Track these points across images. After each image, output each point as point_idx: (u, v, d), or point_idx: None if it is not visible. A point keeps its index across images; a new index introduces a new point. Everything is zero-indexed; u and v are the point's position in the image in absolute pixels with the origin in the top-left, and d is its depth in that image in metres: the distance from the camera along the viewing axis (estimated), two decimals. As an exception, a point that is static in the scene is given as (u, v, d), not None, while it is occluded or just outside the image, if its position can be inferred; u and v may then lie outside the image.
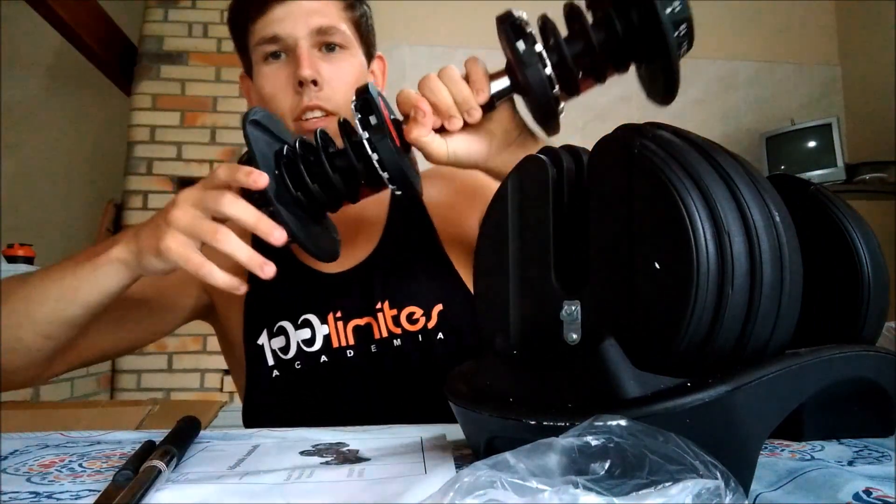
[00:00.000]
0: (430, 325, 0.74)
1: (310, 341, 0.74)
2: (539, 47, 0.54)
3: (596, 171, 0.38)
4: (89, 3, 2.60)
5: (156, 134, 2.82)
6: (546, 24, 0.57)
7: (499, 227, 0.43)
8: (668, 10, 0.50)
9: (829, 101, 3.69)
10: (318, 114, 0.72)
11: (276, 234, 0.52)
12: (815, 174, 3.15)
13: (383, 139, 0.54)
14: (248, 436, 0.54)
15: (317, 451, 0.45)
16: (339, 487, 0.36)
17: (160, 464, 0.38)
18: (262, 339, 0.75)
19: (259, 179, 0.52)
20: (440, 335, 0.74)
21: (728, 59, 3.68)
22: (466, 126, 0.59)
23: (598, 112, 3.51)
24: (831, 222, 0.45)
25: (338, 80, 0.73)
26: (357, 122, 0.55)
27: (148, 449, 0.42)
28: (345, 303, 0.75)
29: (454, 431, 0.49)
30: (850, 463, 0.40)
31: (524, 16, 0.55)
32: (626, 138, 0.36)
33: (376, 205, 0.81)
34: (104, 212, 2.81)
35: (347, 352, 0.74)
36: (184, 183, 2.84)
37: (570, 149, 0.42)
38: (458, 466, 0.39)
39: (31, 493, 0.37)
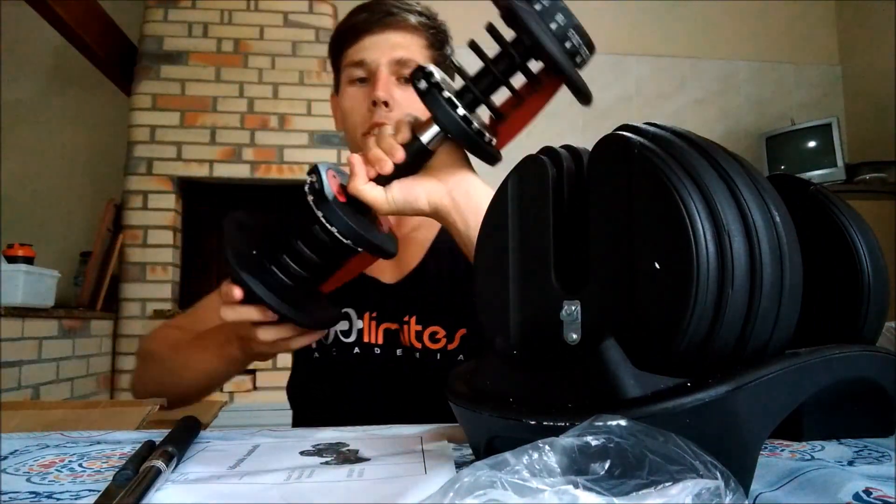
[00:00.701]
0: (452, 346, 0.80)
1: (346, 332, 0.83)
2: (447, 93, 0.58)
3: (596, 171, 0.38)
4: (89, 3, 2.60)
5: (156, 134, 2.82)
6: (457, 69, 0.64)
7: (499, 227, 0.43)
8: (552, 27, 0.54)
9: (829, 101, 3.69)
10: None
11: (270, 316, 0.60)
12: (815, 174, 3.15)
13: (334, 211, 0.58)
14: (248, 436, 0.54)
15: (317, 451, 0.45)
16: (339, 487, 0.36)
17: (160, 464, 0.38)
18: None
19: (234, 292, 0.59)
20: (461, 357, 0.80)
21: (728, 59, 3.68)
22: (405, 173, 0.63)
23: (598, 112, 3.51)
24: (831, 222, 0.45)
25: (407, 106, 0.81)
26: (311, 203, 0.59)
27: (148, 449, 0.42)
28: (379, 307, 0.84)
29: (454, 432, 0.49)
30: (850, 463, 0.40)
31: (432, 69, 0.59)
32: (626, 138, 0.36)
33: (427, 228, 0.88)
34: (104, 212, 2.81)
35: (375, 349, 0.82)
36: (184, 183, 2.84)
37: (570, 149, 0.42)
38: (458, 466, 0.39)
39: (31, 493, 0.37)
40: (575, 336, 0.36)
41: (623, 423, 0.27)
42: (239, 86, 2.89)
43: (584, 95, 0.59)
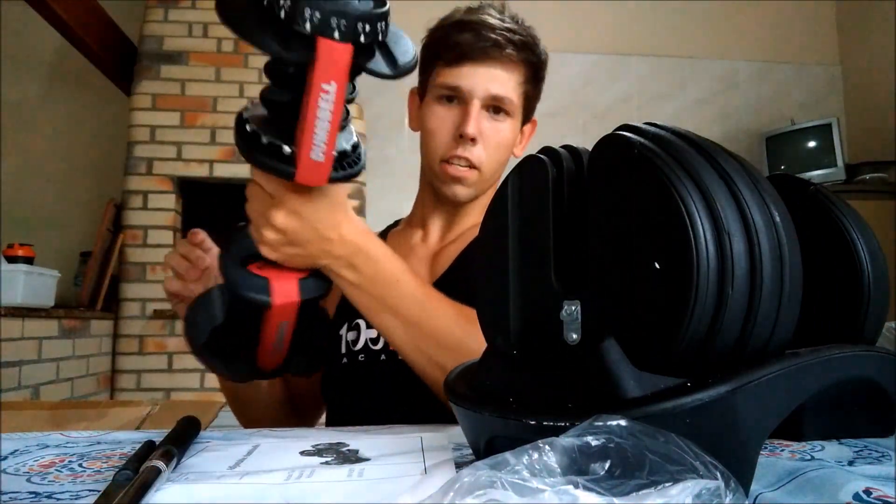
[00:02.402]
0: None
1: (375, 339, 0.84)
2: (249, 127, 0.55)
3: (596, 171, 0.38)
4: (89, 3, 2.60)
5: (156, 134, 2.82)
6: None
7: (499, 227, 0.43)
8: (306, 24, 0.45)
9: (829, 101, 3.69)
10: (463, 164, 0.84)
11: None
12: (815, 174, 3.15)
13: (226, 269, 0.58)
14: (248, 436, 0.54)
15: (317, 451, 0.45)
16: (339, 487, 0.36)
17: (160, 464, 0.37)
18: (343, 330, 0.87)
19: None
20: None
21: (728, 59, 3.68)
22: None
23: (598, 112, 3.51)
24: (831, 222, 0.45)
25: (492, 140, 0.85)
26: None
27: (148, 449, 0.42)
28: None
29: (454, 431, 0.49)
30: (850, 463, 0.40)
31: (243, 111, 0.56)
32: (626, 138, 0.36)
33: (461, 240, 0.89)
34: (104, 212, 2.81)
35: (381, 356, 0.82)
36: (184, 183, 2.84)
37: (570, 149, 0.42)
38: (458, 466, 0.39)
39: (31, 493, 0.37)
40: (575, 336, 0.36)
41: (623, 423, 0.27)
42: (239, 86, 2.89)
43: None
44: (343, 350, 0.86)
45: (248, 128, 0.54)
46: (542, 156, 0.41)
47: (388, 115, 3.22)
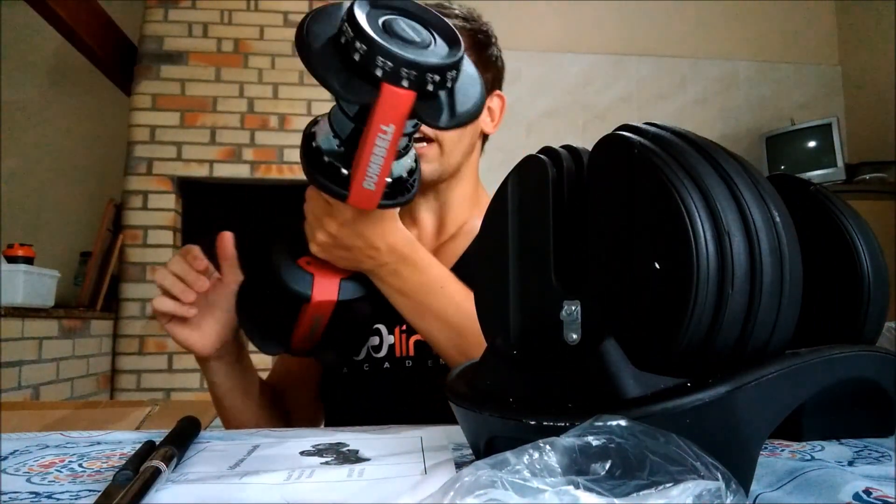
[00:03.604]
0: None
1: (377, 348, 0.83)
2: (315, 143, 0.60)
3: (596, 171, 0.38)
4: (89, 3, 2.60)
5: (156, 134, 2.82)
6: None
7: (499, 227, 0.43)
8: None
9: (829, 101, 3.69)
10: (421, 139, 0.82)
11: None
12: (815, 174, 3.15)
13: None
14: (248, 436, 0.54)
15: (317, 451, 0.45)
16: (339, 487, 0.36)
17: (160, 464, 0.38)
18: None
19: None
20: None
21: (728, 59, 3.68)
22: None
23: (598, 112, 3.51)
24: (831, 222, 0.45)
25: None
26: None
27: (148, 449, 0.42)
28: None
29: (454, 431, 0.49)
30: (850, 463, 0.40)
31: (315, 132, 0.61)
32: (626, 138, 0.36)
33: (465, 237, 0.88)
34: (104, 212, 2.81)
35: (407, 362, 0.82)
36: (184, 183, 2.84)
37: (570, 149, 0.42)
38: (458, 466, 0.39)
39: (31, 493, 0.37)
40: (575, 336, 0.36)
41: (623, 423, 0.27)
42: (239, 86, 2.89)
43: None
44: None
45: (313, 144, 0.59)
46: (542, 156, 0.41)
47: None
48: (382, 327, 0.84)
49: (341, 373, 0.86)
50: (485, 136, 0.95)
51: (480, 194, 0.94)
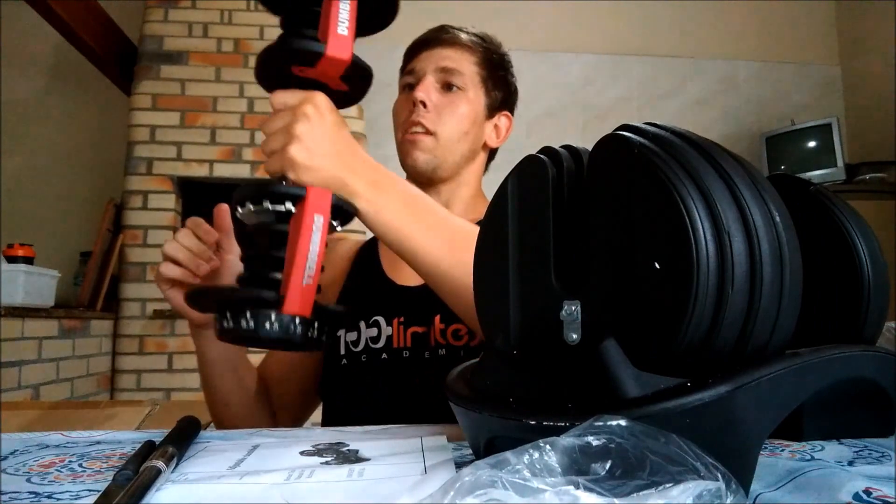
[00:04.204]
0: (474, 343, 0.81)
1: (376, 339, 0.85)
2: None
3: (596, 171, 0.38)
4: (89, 3, 2.60)
5: (156, 134, 2.82)
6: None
7: (499, 227, 0.43)
8: None
9: (829, 101, 3.69)
10: (419, 129, 0.87)
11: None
12: (815, 174, 3.15)
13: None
14: (248, 436, 0.54)
15: (317, 451, 0.45)
16: (339, 487, 0.36)
17: (160, 464, 0.38)
18: (340, 332, 0.88)
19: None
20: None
21: (728, 59, 3.68)
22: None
23: (598, 112, 3.51)
24: (831, 222, 0.45)
25: (445, 110, 0.88)
26: None
27: (148, 449, 0.42)
28: (407, 311, 0.85)
29: (454, 431, 0.49)
30: (850, 463, 0.40)
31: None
32: (626, 138, 0.36)
33: None
34: (104, 212, 2.80)
35: (404, 353, 0.83)
36: (184, 183, 2.84)
37: (570, 149, 0.42)
38: (458, 466, 0.39)
39: (31, 493, 0.37)
40: (575, 336, 0.36)
41: (624, 423, 0.27)
42: (239, 86, 2.89)
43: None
44: (343, 351, 0.87)
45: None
46: (542, 156, 0.41)
47: (388, 114, 3.22)
48: (381, 319, 0.85)
49: (341, 365, 0.86)
50: (491, 152, 0.99)
51: (478, 202, 0.95)
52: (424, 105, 0.87)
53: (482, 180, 0.98)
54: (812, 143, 3.30)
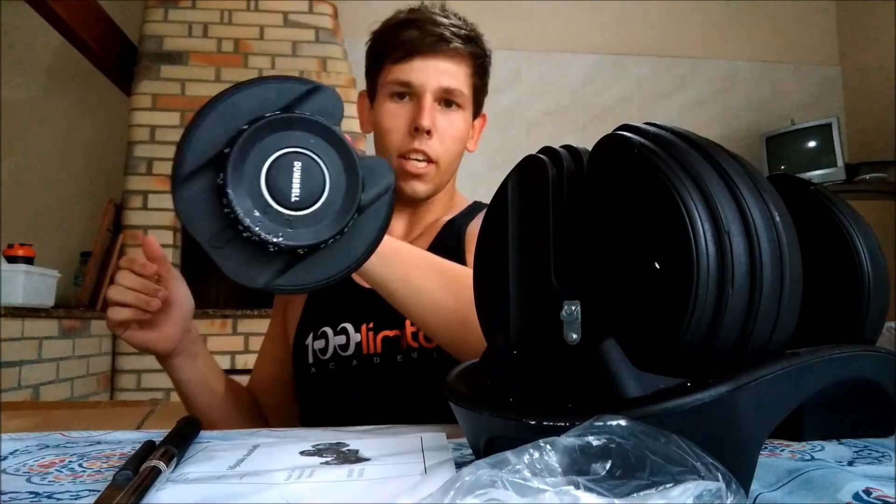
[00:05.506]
0: None
1: (344, 346, 0.83)
2: None
3: (596, 171, 0.38)
4: (89, 3, 2.60)
5: (156, 134, 2.82)
6: None
7: (499, 227, 0.43)
8: None
9: (829, 101, 3.69)
10: (420, 157, 0.84)
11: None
12: (815, 174, 3.15)
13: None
14: (248, 436, 0.54)
15: (317, 451, 0.45)
16: (339, 487, 0.36)
17: (160, 464, 0.38)
18: (308, 340, 0.87)
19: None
20: None
21: (728, 59, 3.68)
22: None
23: (598, 112, 3.51)
24: (831, 222, 0.45)
25: (447, 133, 0.85)
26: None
27: (148, 449, 0.42)
28: (377, 315, 0.82)
29: (454, 431, 0.49)
30: (850, 463, 0.40)
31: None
32: (626, 138, 0.36)
33: (427, 234, 0.89)
34: (104, 212, 2.80)
35: (374, 359, 0.81)
36: (184, 183, 2.84)
37: (570, 149, 0.42)
38: (458, 466, 0.39)
39: (31, 493, 0.37)
40: (575, 336, 0.36)
41: (624, 423, 0.27)
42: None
43: None
44: (311, 360, 0.85)
45: None
46: (542, 156, 0.41)
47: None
48: (349, 326, 0.83)
49: (310, 374, 0.85)
50: None
51: (454, 196, 0.95)
52: (429, 133, 0.83)
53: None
54: (812, 143, 3.30)
